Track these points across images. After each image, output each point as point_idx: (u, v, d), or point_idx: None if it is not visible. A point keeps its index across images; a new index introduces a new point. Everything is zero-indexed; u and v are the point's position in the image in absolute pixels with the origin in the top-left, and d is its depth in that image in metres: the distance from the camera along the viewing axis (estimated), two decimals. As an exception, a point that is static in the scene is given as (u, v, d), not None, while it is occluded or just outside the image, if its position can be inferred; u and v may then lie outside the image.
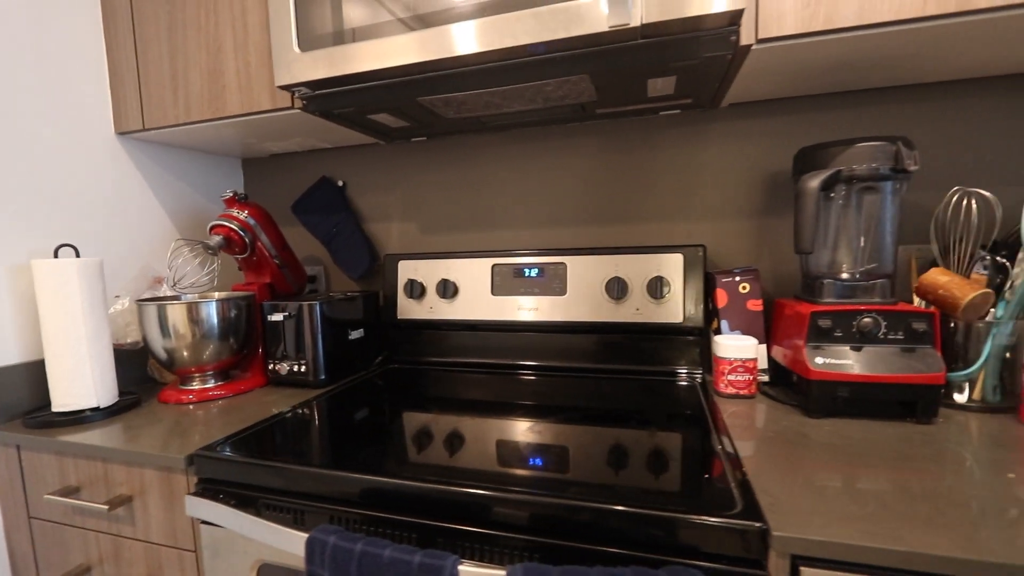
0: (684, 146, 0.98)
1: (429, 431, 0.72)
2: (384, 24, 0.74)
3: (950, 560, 0.41)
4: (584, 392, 0.88)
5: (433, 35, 0.71)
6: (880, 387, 0.69)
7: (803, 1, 0.63)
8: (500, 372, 1.03)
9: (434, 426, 0.74)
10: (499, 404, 0.83)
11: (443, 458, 0.62)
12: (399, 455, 0.64)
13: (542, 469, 0.59)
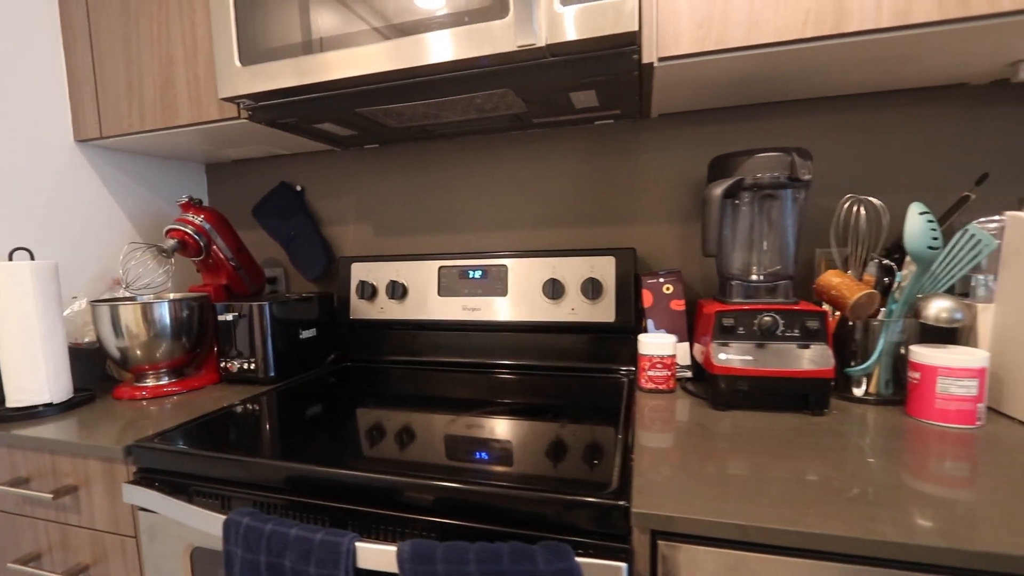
0: (618, 154, 1.03)
1: (357, 423, 0.76)
2: (320, 40, 0.78)
3: (781, 532, 0.46)
4: (519, 388, 0.92)
5: (361, 53, 0.76)
6: (776, 381, 0.74)
7: (697, 23, 0.68)
8: (445, 370, 1.07)
9: (364, 419, 0.78)
10: (434, 399, 0.88)
11: (362, 447, 0.67)
12: (322, 444, 0.69)
13: (448, 458, 0.63)
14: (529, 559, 0.50)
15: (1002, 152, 0.85)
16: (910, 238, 0.71)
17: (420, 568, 0.51)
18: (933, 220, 0.70)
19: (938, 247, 0.70)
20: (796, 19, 0.65)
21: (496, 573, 0.50)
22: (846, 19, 0.63)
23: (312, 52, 0.79)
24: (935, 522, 0.46)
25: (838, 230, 0.81)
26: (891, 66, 0.75)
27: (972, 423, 0.67)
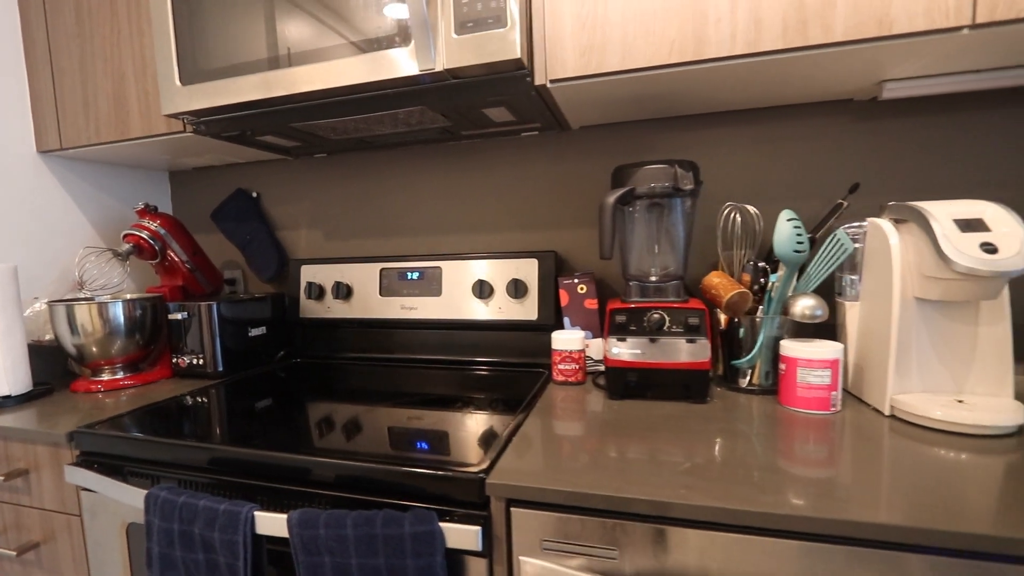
0: (542, 164, 1.11)
1: (284, 412, 0.84)
2: (252, 63, 0.86)
3: (610, 498, 0.53)
4: (445, 381, 1.00)
5: (286, 75, 0.83)
6: (662, 372, 0.81)
7: (580, 51, 0.76)
8: (384, 365, 1.15)
9: (292, 408, 0.86)
10: (363, 392, 0.95)
11: (278, 432, 0.74)
12: (243, 430, 0.76)
13: (348, 441, 0.71)
14: (398, 523, 0.57)
15: (873, 163, 0.93)
16: (778, 243, 0.78)
17: (305, 532, 0.59)
18: (800, 226, 0.78)
19: (803, 251, 0.77)
20: (663, 47, 0.72)
21: (369, 535, 0.57)
22: (705, 47, 0.71)
23: (245, 73, 0.86)
24: (743, 488, 0.53)
25: (725, 235, 0.89)
26: (770, 85, 0.83)
27: (828, 409, 0.74)
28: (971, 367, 0.71)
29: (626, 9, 0.73)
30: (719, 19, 0.70)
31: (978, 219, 0.66)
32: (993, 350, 0.70)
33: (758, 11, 0.68)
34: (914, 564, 0.47)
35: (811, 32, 0.67)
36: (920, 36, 0.65)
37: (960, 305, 0.71)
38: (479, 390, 0.93)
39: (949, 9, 0.63)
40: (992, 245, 0.63)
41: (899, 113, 0.91)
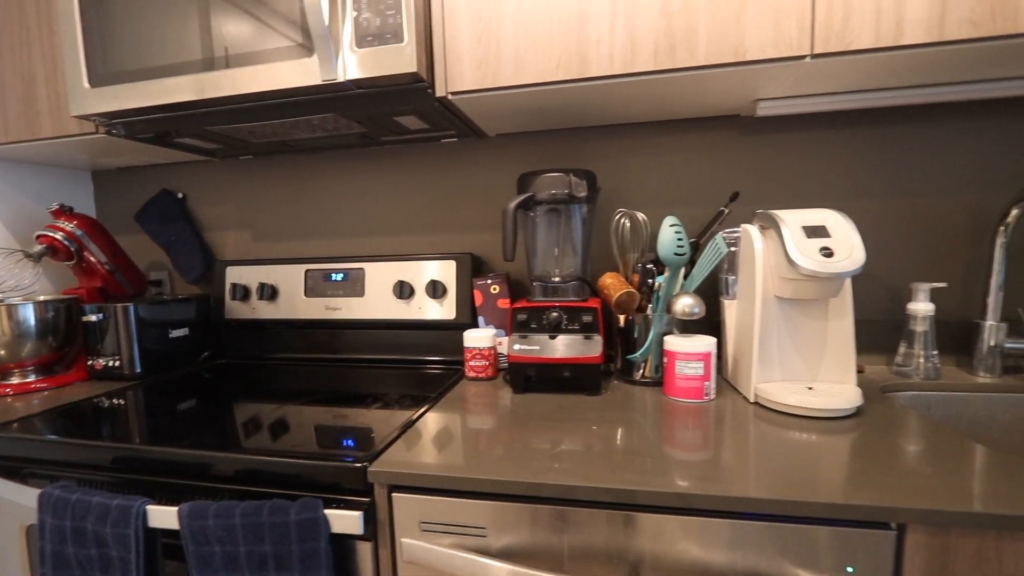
0: (460, 169, 1.15)
1: (200, 411, 0.85)
2: (160, 67, 0.87)
3: (479, 480, 0.58)
4: (366, 380, 1.03)
5: (193, 80, 0.85)
6: (557, 367, 0.87)
7: (476, 65, 0.80)
8: (308, 364, 1.17)
9: (203, 407, 0.87)
10: (282, 391, 0.97)
11: (188, 431, 0.76)
12: (154, 428, 0.77)
13: (247, 437, 0.73)
14: (284, 512, 0.60)
15: (754, 173, 1.02)
16: (661, 246, 0.85)
17: (195, 523, 0.61)
18: (681, 231, 0.85)
19: (683, 254, 0.84)
20: (551, 64, 0.78)
21: (256, 524, 0.60)
22: (588, 66, 0.77)
23: (153, 77, 0.87)
24: (600, 468, 0.59)
25: (617, 239, 0.95)
26: (661, 101, 0.90)
27: (701, 397, 0.81)
28: (822, 357, 0.80)
29: (518, 27, 0.78)
30: (600, 40, 0.76)
31: (822, 226, 0.75)
32: (839, 342, 0.78)
33: (633, 34, 0.75)
34: (771, 532, 0.54)
35: (679, 56, 0.74)
36: (771, 63, 0.72)
37: (812, 302, 0.79)
38: (395, 387, 0.96)
39: (792, 40, 0.71)
40: (830, 250, 0.72)
41: (776, 128, 1.00)
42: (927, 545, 0.51)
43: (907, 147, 0.96)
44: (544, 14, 0.77)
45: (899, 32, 0.68)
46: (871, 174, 0.98)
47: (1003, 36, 0.66)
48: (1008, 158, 0.93)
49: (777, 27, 0.71)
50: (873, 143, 0.97)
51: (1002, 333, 0.88)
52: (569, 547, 0.58)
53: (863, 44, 0.69)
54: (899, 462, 0.58)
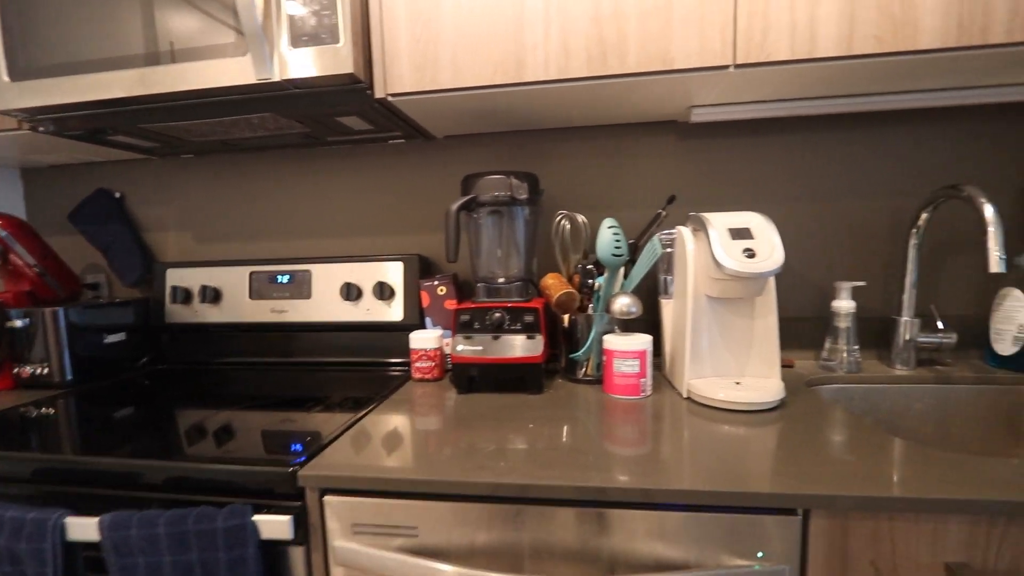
0: (408, 170, 1.15)
1: (133, 419, 0.83)
2: (90, 62, 0.83)
3: (412, 481, 0.59)
4: (312, 383, 1.02)
5: (121, 77, 0.82)
6: (500, 367, 0.88)
7: (415, 67, 0.81)
8: (254, 368, 1.14)
9: (142, 415, 0.85)
10: (228, 396, 0.95)
11: (117, 439, 0.74)
12: (80, 437, 0.75)
13: (189, 445, 0.72)
14: (211, 519, 0.59)
15: (691, 177, 1.06)
16: (599, 248, 0.87)
17: (117, 534, 0.60)
18: (619, 233, 0.87)
19: (620, 255, 0.87)
20: (488, 68, 0.79)
21: (181, 532, 0.59)
22: (525, 71, 0.78)
23: (86, 72, 0.84)
24: (530, 465, 0.60)
25: (559, 240, 0.97)
26: (601, 106, 0.92)
27: (638, 394, 0.84)
28: (750, 353, 0.84)
29: (456, 30, 0.79)
30: (535, 46, 0.77)
31: (746, 228, 0.78)
32: (765, 339, 0.82)
33: (566, 41, 0.77)
34: (690, 521, 0.56)
35: (610, 63, 0.76)
36: (697, 71, 0.75)
37: (739, 301, 0.83)
38: (340, 390, 0.96)
39: (716, 51, 0.74)
40: (752, 251, 0.75)
41: (711, 135, 1.04)
42: (828, 529, 0.54)
43: (831, 154, 1.02)
44: (481, 18, 0.78)
45: (813, 46, 0.72)
46: (799, 179, 1.03)
47: (904, 52, 0.70)
48: (920, 166, 0.99)
49: (702, 38, 0.74)
50: (800, 150, 1.02)
51: (916, 328, 0.95)
52: (499, 544, 0.59)
53: (781, 56, 0.73)
54: (808, 452, 0.62)
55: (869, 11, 0.70)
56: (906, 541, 0.53)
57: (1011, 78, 0.84)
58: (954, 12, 0.69)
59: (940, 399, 0.92)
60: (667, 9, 0.74)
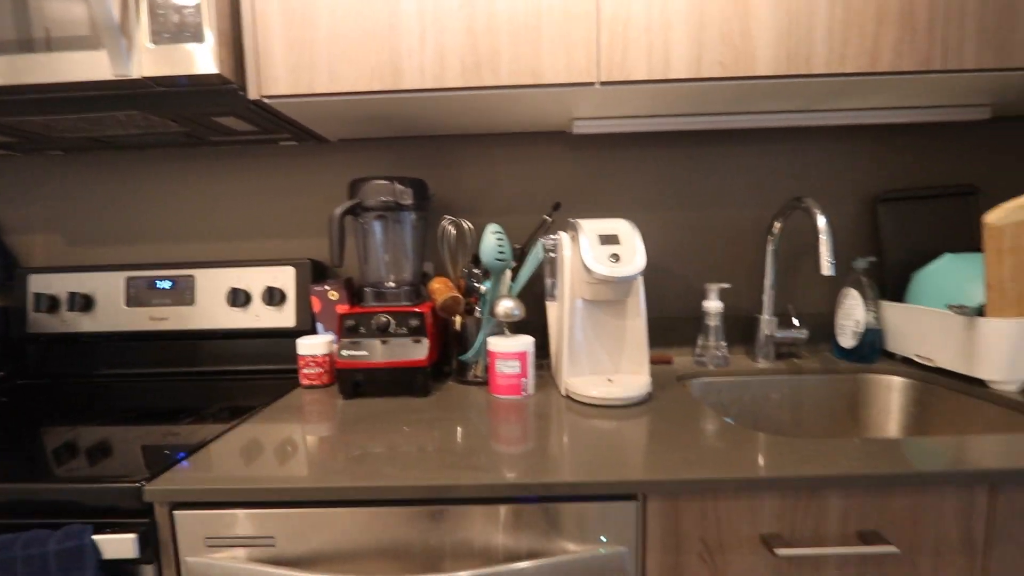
0: (300, 173, 1.13)
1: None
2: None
3: (266, 490, 0.58)
4: (193, 393, 0.97)
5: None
6: (386, 371, 0.88)
7: (290, 70, 0.80)
8: (130, 380, 1.07)
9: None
10: (94, 410, 0.88)
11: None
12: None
13: (29, 466, 0.66)
14: (41, 543, 0.56)
15: (577, 184, 1.11)
16: (483, 252, 0.90)
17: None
18: (502, 238, 0.90)
19: (503, 259, 0.90)
20: (364, 74, 0.79)
21: (8, 559, 0.55)
22: (402, 78, 0.79)
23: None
24: (392, 467, 0.61)
25: (448, 245, 0.99)
26: (488, 115, 0.94)
27: (519, 394, 0.87)
28: (623, 352, 0.89)
29: (331, 35, 0.79)
30: (411, 53, 0.79)
31: (614, 234, 0.83)
32: (635, 338, 0.88)
33: (442, 51, 0.78)
34: (540, 512, 0.59)
35: (484, 74, 0.79)
36: (566, 87, 0.80)
37: (612, 303, 0.88)
38: (220, 400, 0.92)
39: (582, 69, 0.78)
40: (618, 255, 0.80)
41: (596, 145, 1.10)
42: (662, 511, 0.59)
43: (701, 167, 1.10)
44: (357, 24, 0.78)
45: (667, 67, 0.78)
46: (675, 189, 1.11)
47: (744, 77, 0.78)
48: (776, 178, 1.10)
49: (569, 56, 0.78)
50: (675, 162, 1.10)
51: (774, 325, 1.04)
52: (358, 548, 0.59)
53: (640, 76, 0.78)
54: (656, 441, 0.67)
55: (714, 40, 0.77)
56: (728, 517, 0.59)
57: (839, 104, 0.95)
58: (783, 44, 0.77)
59: (794, 389, 1.02)
60: (536, 28, 0.78)
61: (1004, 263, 0.77)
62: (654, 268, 1.13)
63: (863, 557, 0.59)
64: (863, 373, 1.00)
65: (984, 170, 1.09)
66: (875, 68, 0.78)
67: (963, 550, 0.59)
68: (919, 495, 0.59)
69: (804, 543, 0.59)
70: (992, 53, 0.77)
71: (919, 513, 0.59)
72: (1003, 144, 1.09)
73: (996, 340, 0.80)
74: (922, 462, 0.58)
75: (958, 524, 0.59)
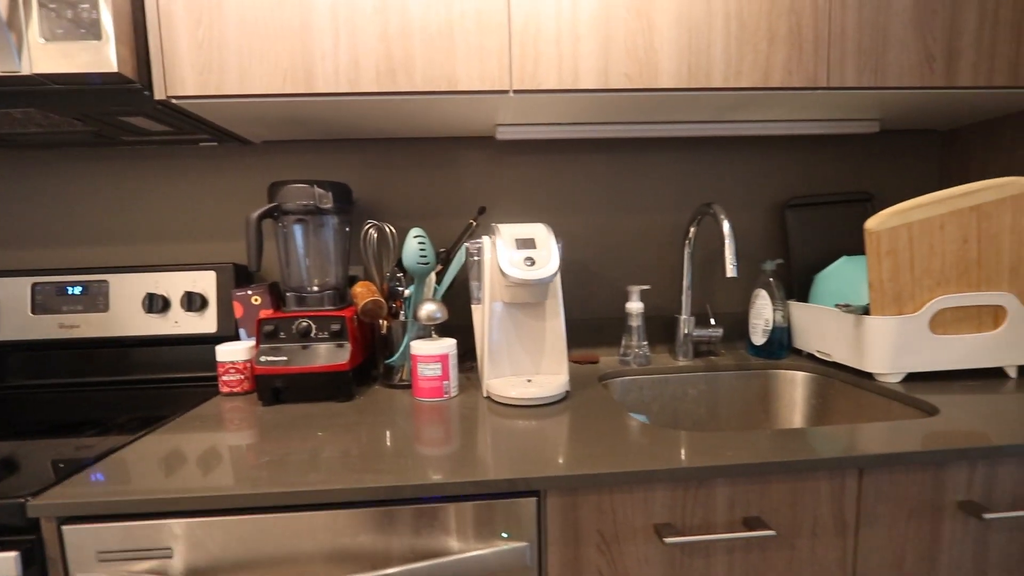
0: (220, 174, 1.10)
1: None
2: None
3: (160, 500, 0.57)
4: (99, 404, 0.93)
5: None
6: (307, 376, 0.87)
7: (199, 71, 0.78)
8: (34, 391, 1.02)
9: None
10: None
11: None
12: None
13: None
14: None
15: (505, 189, 1.14)
16: (406, 256, 0.90)
17: None
18: (424, 242, 0.91)
19: (425, 263, 0.91)
20: (276, 77, 0.79)
21: None
22: (315, 81, 0.79)
23: None
24: (294, 471, 0.61)
25: (372, 250, 0.99)
26: (411, 120, 0.95)
27: (441, 396, 0.88)
28: (543, 353, 0.92)
29: (241, 37, 0.78)
30: (324, 57, 0.79)
31: (531, 239, 0.86)
32: (554, 339, 0.91)
33: (356, 55, 0.79)
34: (440, 512, 0.60)
35: (399, 79, 0.80)
36: (480, 94, 0.81)
37: (532, 305, 0.90)
38: (132, 410, 0.89)
39: (495, 77, 0.80)
40: (533, 259, 0.83)
41: (524, 151, 1.13)
42: (561, 506, 0.61)
43: (626, 173, 1.15)
44: (268, 26, 0.78)
45: (576, 78, 0.81)
46: (599, 194, 1.15)
47: (649, 89, 0.82)
48: (692, 185, 1.16)
49: (482, 64, 0.80)
50: (600, 168, 1.14)
51: (692, 324, 1.10)
52: (258, 555, 0.59)
53: (551, 85, 0.81)
54: (561, 439, 0.69)
55: (621, 53, 0.81)
56: (624, 510, 0.62)
57: (743, 116, 1.01)
58: (685, 59, 0.82)
59: (710, 385, 1.08)
60: (449, 36, 0.79)
61: (883, 265, 0.84)
62: (581, 271, 1.17)
63: (747, 541, 0.63)
64: (771, 369, 1.07)
65: (878, 178, 1.19)
66: (768, 84, 0.83)
67: (837, 531, 0.65)
68: (796, 481, 0.63)
69: (694, 531, 0.63)
70: (870, 73, 0.84)
71: (797, 498, 0.64)
72: (893, 154, 1.19)
73: (878, 336, 0.87)
74: (799, 451, 0.63)
75: (832, 507, 0.64)
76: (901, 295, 0.85)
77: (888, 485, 0.64)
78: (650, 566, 0.63)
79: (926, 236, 0.83)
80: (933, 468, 0.65)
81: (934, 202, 0.82)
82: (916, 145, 1.19)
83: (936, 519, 0.65)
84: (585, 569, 0.62)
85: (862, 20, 0.83)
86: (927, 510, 0.65)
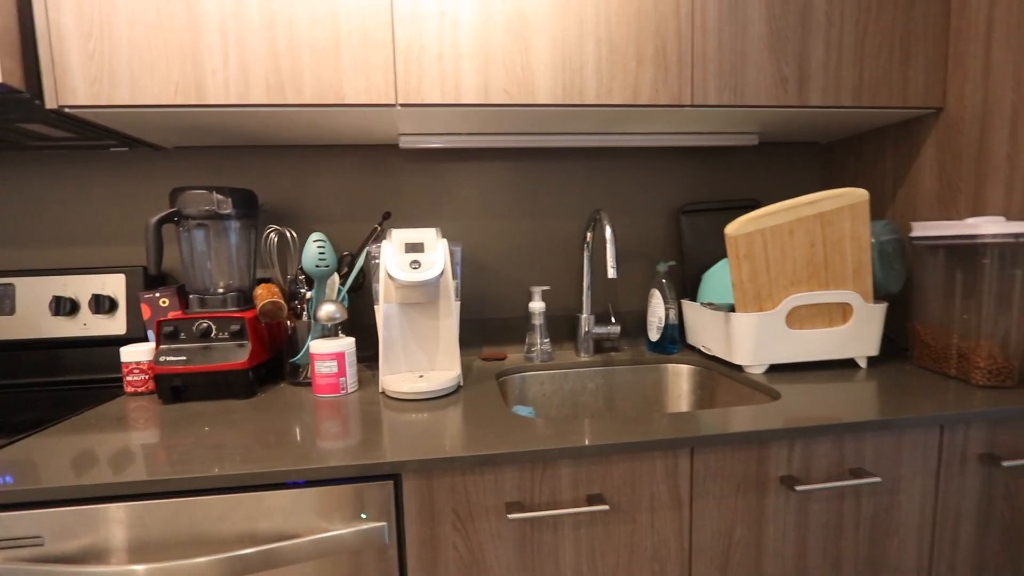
0: (140, 180, 1.12)
1: None
2: None
3: (21, 491, 0.60)
4: (1, 405, 0.94)
5: None
6: (207, 375, 0.91)
7: (90, 81, 0.81)
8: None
9: None
10: None
11: None
12: None
13: None
14: None
15: (409, 195, 1.19)
16: (305, 260, 0.95)
17: None
18: (324, 246, 0.95)
19: (323, 266, 0.95)
20: (168, 88, 0.82)
21: None
22: (206, 93, 0.83)
23: None
24: (164, 463, 0.65)
25: (273, 252, 1.03)
26: (316, 129, 1.00)
27: (338, 392, 0.93)
28: (437, 350, 0.97)
29: (131, 50, 0.81)
30: (215, 71, 0.83)
31: (420, 243, 0.91)
32: (447, 337, 0.97)
33: (246, 69, 0.83)
34: (303, 496, 0.65)
35: (288, 93, 0.84)
36: (368, 107, 0.87)
37: (426, 305, 0.96)
38: (27, 412, 0.90)
39: (381, 91, 0.86)
40: (419, 262, 0.88)
41: (432, 159, 1.18)
42: (418, 488, 0.67)
43: (530, 180, 1.22)
44: (159, 39, 0.81)
45: (459, 94, 0.87)
46: (506, 199, 1.21)
47: (527, 104, 0.89)
48: (593, 192, 1.24)
49: (368, 79, 0.85)
50: (506, 175, 1.21)
51: (591, 322, 1.17)
52: (129, 541, 0.63)
53: (434, 100, 0.87)
54: (435, 429, 0.75)
55: (499, 70, 0.87)
56: (476, 490, 0.68)
57: (625, 129, 1.09)
58: (560, 78, 0.89)
59: (608, 379, 1.15)
60: (336, 52, 0.84)
61: (743, 267, 0.93)
62: (490, 273, 1.23)
63: (591, 516, 0.70)
64: (662, 363, 1.15)
65: (766, 187, 1.29)
66: (638, 101, 0.91)
67: (673, 505, 0.72)
68: (635, 461, 0.71)
69: (542, 508, 0.69)
70: (730, 92, 0.92)
71: (636, 476, 0.71)
72: (780, 164, 1.29)
73: (741, 331, 0.96)
74: (636, 434, 0.70)
75: (668, 483, 0.72)
76: (760, 294, 0.94)
77: (717, 462, 0.72)
78: (502, 541, 0.69)
79: (778, 240, 0.92)
80: (758, 447, 0.73)
81: (783, 210, 0.91)
82: (800, 156, 1.30)
83: (761, 492, 0.74)
84: (441, 545, 0.68)
85: (722, 44, 0.92)
86: (753, 484, 0.73)
